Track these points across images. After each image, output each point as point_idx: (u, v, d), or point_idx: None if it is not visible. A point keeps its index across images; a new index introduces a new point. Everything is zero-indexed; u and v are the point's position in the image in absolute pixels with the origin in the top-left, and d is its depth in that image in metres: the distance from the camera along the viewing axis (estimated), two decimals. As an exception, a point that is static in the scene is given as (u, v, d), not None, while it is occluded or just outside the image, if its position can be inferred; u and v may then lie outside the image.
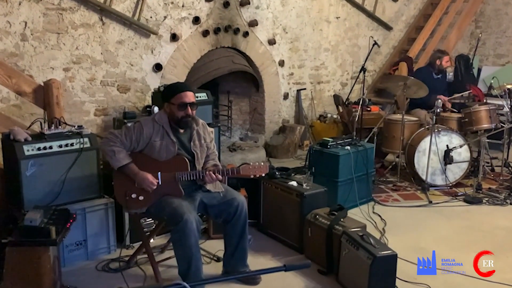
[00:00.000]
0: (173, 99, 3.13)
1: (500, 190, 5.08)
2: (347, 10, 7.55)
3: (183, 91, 3.14)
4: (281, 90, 6.89)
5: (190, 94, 3.16)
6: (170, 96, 3.16)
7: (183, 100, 3.11)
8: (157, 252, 3.64)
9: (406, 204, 4.77)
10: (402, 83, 5.34)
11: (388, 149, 5.68)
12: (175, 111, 3.12)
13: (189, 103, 3.12)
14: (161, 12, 5.36)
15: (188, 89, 3.19)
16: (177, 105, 3.11)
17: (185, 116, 3.12)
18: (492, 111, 5.25)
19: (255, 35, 6.32)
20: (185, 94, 3.13)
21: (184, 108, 3.11)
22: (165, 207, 3.02)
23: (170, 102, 3.14)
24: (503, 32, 9.61)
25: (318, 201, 3.78)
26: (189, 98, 3.14)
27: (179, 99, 3.11)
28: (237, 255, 3.27)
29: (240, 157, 5.79)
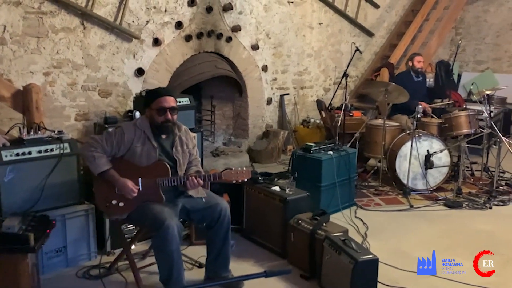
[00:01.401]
0: (152, 104, 3.11)
1: (480, 194, 5.14)
2: (329, 16, 7.61)
3: (163, 95, 3.13)
4: (264, 95, 6.90)
5: (170, 99, 3.13)
6: (150, 101, 3.14)
7: (162, 104, 3.09)
8: (139, 259, 3.61)
9: (388, 209, 4.80)
10: (383, 88, 5.40)
11: (370, 154, 5.73)
12: (155, 116, 3.10)
13: (168, 108, 3.10)
14: (143, 16, 5.34)
15: (167, 93, 3.17)
16: (156, 110, 3.09)
17: (164, 121, 3.10)
18: (471, 116, 5.33)
19: (238, 40, 6.33)
20: (164, 99, 3.11)
21: (164, 113, 3.09)
22: (146, 213, 2.99)
23: (150, 107, 3.13)
24: (482, 39, 9.79)
25: (301, 206, 3.78)
26: (169, 103, 3.11)
27: (158, 104, 3.09)
28: (219, 260, 3.25)
29: (223, 162, 5.77)
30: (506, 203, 4.94)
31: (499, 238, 4.14)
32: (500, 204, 4.91)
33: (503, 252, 3.84)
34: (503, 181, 5.53)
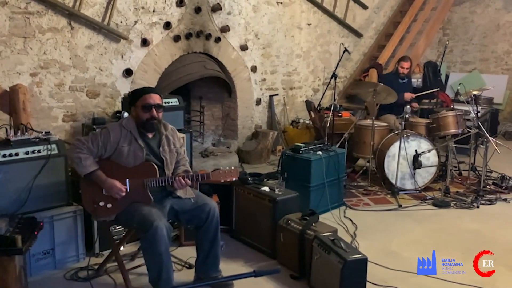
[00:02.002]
0: (138, 102, 3.10)
1: (467, 194, 5.19)
2: (318, 17, 7.64)
3: (148, 93, 3.12)
4: (253, 96, 6.91)
5: (155, 96, 3.13)
6: (135, 99, 3.13)
7: (148, 101, 3.08)
8: (127, 260, 3.59)
9: (377, 208, 4.83)
10: (372, 89, 5.43)
11: (359, 154, 5.76)
12: (140, 113, 3.09)
13: (154, 105, 3.09)
14: (132, 17, 5.31)
15: (153, 91, 3.17)
16: (141, 106, 3.08)
17: (150, 118, 3.09)
18: (459, 116, 5.38)
19: (227, 40, 6.32)
20: (149, 96, 3.10)
21: (149, 110, 3.08)
22: (134, 214, 2.97)
23: (135, 105, 3.11)
24: (469, 40, 9.90)
25: (290, 206, 3.78)
26: (154, 100, 3.10)
27: (143, 101, 3.08)
28: (209, 261, 3.24)
29: (212, 163, 5.76)
30: (493, 202, 4.99)
31: (486, 237, 4.18)
32: (488, 203, 4.96)
33: (491, 251, 3.87)
34: (490, 180, 5.58)
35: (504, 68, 9.45)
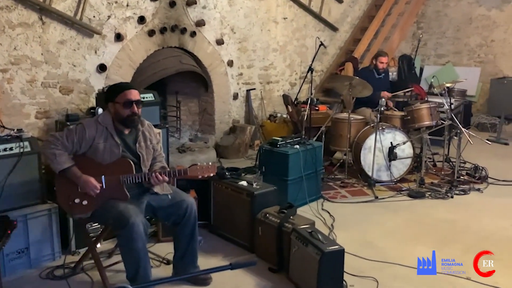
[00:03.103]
0: (117, 98, 3.05)
1: (441, 184, 5.28)
2: (294, 11, 7.65)
3: (128, 89, 3.08)
4: (230, 90, 6.89)
5: (135, 92, 3.09)
6: (114, 95, 3.08)
7: (129, 97, 3.04)
8: (105, 257, 3.56)
9: (354, 200, 4.88)
10: (347, 82, 5.47)
11: (336, 147, 5.80)
12: (120, 110, 3.05)
13: (134, 101, 3.05)
14: (105, 11, 5.23)
15: (132, 87, 3.13)
16: (122, 103, 3.03)
17: (131, 115, 3.06)
18: (432, 109, 5.46)
19: (202, 35, 6.28)
20: (130, 92, 3.06)
21: (130, 106, 3.04)
22: (111, 211, 2.94)
23: (115, 101, 3.06)
24: (443, 33, 10.05)
25: (268, 200, 3.80)
26: (135, 96, 3.07)
27: (124, 97, 3.04)
28: (187, 257, 3.23)
29: (190, 159, 5.73)
30: (467, 192, 5.09)
31: (460, 226, 4.26)
32: (461, 193, 5.06)
33: (464, 240, 3.97)
34: (464, 171, 5.69)
35: (477, 60, 9.63)
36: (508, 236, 4.03)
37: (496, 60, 9.40)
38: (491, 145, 5.93)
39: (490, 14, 9.36)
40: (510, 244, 3.88)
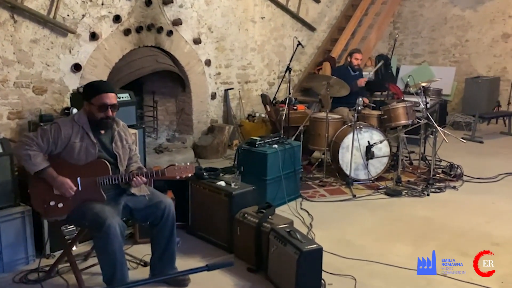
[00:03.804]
0: (93, 100, 2.99)
1: (418, 182, 5.34)
2: (271, 10, 7.65)
3: (105, 92, 3.01)
4: (208, 90, 6.85)
5: (112, 96, 3.03)
6: (90, 96, 3.01)
7: (104, 101, 2.98)
8: (81, 260, 3.49)
9: (332, 199, 4.90)
10: (325, 82, 5.50)
11: (314, 146, 5.82)
12: (95, 111, 2.99)
13: (110, 105, 3.00)
14: (79, 10, 5.13)
15: (110, 90, 3.05)
16: (97, 106, 2.97)
17: (104, 118, 3.00)
18: (409, 108, 5.53)
19: (179, 34, 6.23)
20: (106, 96, 2.99)
21: (105, 110, 2.99)
22: (87, 213, 2.88)
23: (91, 102, 3.00)
24: (418, 33, 10.21)
25: (247, 200, 3.78)
26: (111, 100, 3.01)
27: (100, 100, 2.98)
28: (165, 258, 3.20)
29: (167, 159, 5.68)
30: (442, 190, 5.16)
31: (437, 223, 4.32)
32: (437, 191, 5.13)
33: (441, 237, 4.02)
34: (440, 169, 5.77)
35: (452, 60, 9.80)
36: (483, 233, 4.10)
37: (470, 60, 9.58)
38: (466, 143, 6.02)
39: (465, 14, 9.54)
40: (486, 240, 3.95)
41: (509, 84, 9.02)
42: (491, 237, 4.00)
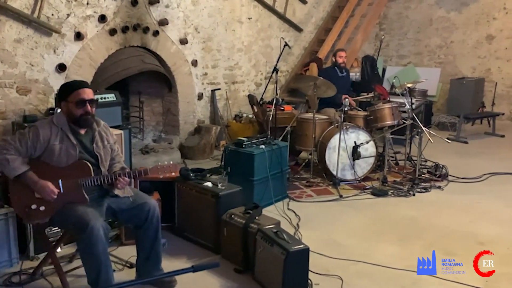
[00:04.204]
0: (70, 97, 2.94)
1: (404, 182, 5.37)
2: (258, 11, 7.65)
3: (81, 87, 2.97)
4: (195, 90, 6.83)
5: (89, 91, 2.98)
6: (66, 94, 2.96)
7: (82, 96, 2.93)
8: (65, 262, 3.45)
9: (319, 199, 4.91)
10: (312, 83, 5.51)
11: (301, 147, 5.83)
12: (73, 109, 2.94)
13: (88, 100, 2.95)
14: (64, 9, 5.09)
15: (85, 85, 3.02)
16: (75, 102, 2.92)
17: (84, 114, 2.95)
18: (394, 108, 5.56)
19: (166, 34, 6.20)
20: (83, 91, 2.95)
21: (83, 105, 2.94)
22: (70, 215, 2.85)
23: (67, 100, 2.95)
24: (404, 34, 10.29)
25: (234, 200, 3.77)
26: (88, 95, 2.96)
27: (77, 96, 2.93)
28: (150, 260, 3.17)
29: (153, 160, 5.64)
30: (428, 190, 5.19)
31: (422, 223, 4.35)
32: (423, 191, 5.16)
33: (426, 237, 4.05)
34: (425, 169, 5.81)
35: (437, 61, 9.90)
36: (468, 232, 4.14)
37: (455, 61, 9.68)
38: (451, 143, 6.08)
39: (450, 16, 9.64)
40: (470, 239, 3.98)
41: (493, 85, 9.13)
42: (476, 236, 4.04)
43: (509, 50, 9.03)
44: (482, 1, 9.22)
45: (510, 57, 9.05)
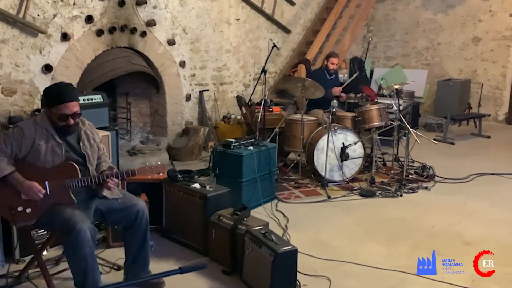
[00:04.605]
0: (53, 109, 2.88)
1: (391, 183, 5.40)
2: (246, 12, 7.65)
3: (64, 102, 2.87)
4: (183, 91, 6.80)
5: (72, 105, 2.89)
6: (50, 104, 2.91)
7: (64, 112, 2.87)
8: (52, 265, 3.41)
9: (307, 200, 4.92)
10: (300, 84, 5.52)
11: (290, 148, 5.83)
12: (55, 119, 2.90)
13: (70, 115, 2.90)
14: (50, 10, 5.04)
15: (70, 98, 2.90)
16: (57, 115, 2.88)
17: (66, 126, 2.92)
18: (382, 110, 5.59)
19: (153, 35, 6.17)
20: (65, 106, 2.87)
21: (66, 120, 2.90)
22: (56, 217, 2.81)
23: (50, 110, 2.90)
24: (392, 36, 10.36)
25: (222, 202, 3.76)
26: (71, 109, 2.89)
27: (59, 110, 2.87)
28: (138, 262, 3.15)
29: (141, 161, 5.60)
30: (415, 190, 5.23)
31: (409, 223, 4.38)
32: (410, 191, 5.19)
33: (413, 237, 4.07)
34: (412, 170, 5.85)
35: (424, 63, 9.98)
36: (455, 232, 4.17)
37: (442, 63, 9.77)
38: (438, 144, 6.13)
39: (436, 18, 9.73)
40: (457, 239, 4.02)
41: (479, 87, 9.23)
42: (463, 236, 4.08)
43: (495, 52, 9.14)
44: (468, 3, 9.32)
45: (496, 59, 9.16)
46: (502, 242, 3.90)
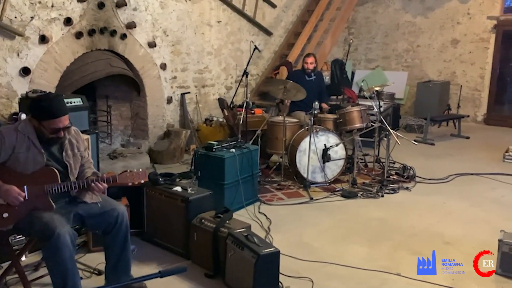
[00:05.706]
0: (44, 123, 2.82)
1: (373, 184, 5.45)
2: (228, 14, 7.64)
3: (58, 116, 2.83)
4: (164, 94, 6.76)
5: (64, 118, 2.86)
6: (40, 118, 2.83)
7: (57, 126, 2.83)
8: (30, 271, 3.37)
9: (290, 202, 4.92)
10: (282, 86, 5.53)
11: (272, 150, 5.84)
12: (45, 132, 2.85)
13: (62, 128, 2.86)
14: (27, 12, 4.96)
15: (62, 112, 2.86)
16: (49, 129, 2.83)
17: (55, 138, 2.89)
18: (363, 111, 5.63)
19: (133, 37, 6.12)
20: (59, 120, 2.83)
21: (57, 132, 2.86)
22: (35, 222, 2.76)
23: (40, 123, 2.83)
24: (372, 38, 10.46)
25: (204, 205, 3.74)
26: (63, 123, 2.86)
27: (51, 125, 2.82)
28: (119, 267, 3.11)
29: (122, 165, 5.55)
30: (396, 191, 5.28)
31: (391, 224, 4.41)
32: (391, 192, 5.24)
33: (394, 237, 4.11)
34: (393, 171, 5.91)
35: (404, 65, 10.10)
36: (435, 232, 4.22)
37: (422, 65, 9.90)
38: (418, 145, 6.22)
39: (416, 20, 9.86)
40: (437, 239, 4.06)
41: (458, 88, 9.38)
42: (443, 236, 4.13)
43: (473, 54, 9.30)
44: (446, 6, 9.46)
45: (474, 61, 9.31)
46: (482, 241, 3.95)
